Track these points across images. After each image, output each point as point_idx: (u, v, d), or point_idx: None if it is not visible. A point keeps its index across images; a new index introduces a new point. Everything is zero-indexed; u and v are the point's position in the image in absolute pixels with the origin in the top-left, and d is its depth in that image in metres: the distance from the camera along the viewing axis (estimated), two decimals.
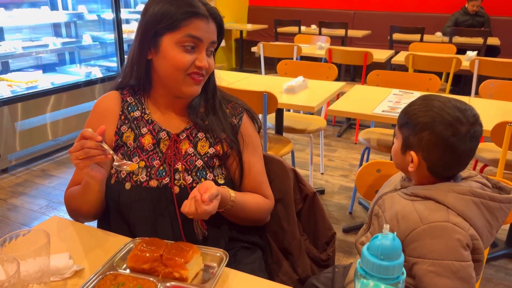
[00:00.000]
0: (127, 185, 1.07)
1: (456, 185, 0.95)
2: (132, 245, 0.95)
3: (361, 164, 2.68)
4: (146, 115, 1.13)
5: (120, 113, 1.14)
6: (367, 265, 0.66)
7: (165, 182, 1.07)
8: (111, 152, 0.96)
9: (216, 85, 1.17)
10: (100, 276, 0.85)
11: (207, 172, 1.09)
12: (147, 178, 1.07)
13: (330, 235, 1.31)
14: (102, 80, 3.78)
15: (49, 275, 0.83)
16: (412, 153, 0.97)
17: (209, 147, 1.11)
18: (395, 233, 0.66)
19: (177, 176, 1.07)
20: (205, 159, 1.10)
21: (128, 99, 1.16)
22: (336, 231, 1.31)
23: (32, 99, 3.21)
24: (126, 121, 1.13)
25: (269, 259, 1.26)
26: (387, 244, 0.64)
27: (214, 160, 1.11)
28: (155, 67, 1.07)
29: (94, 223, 1.16)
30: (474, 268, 0.93)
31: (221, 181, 1.11)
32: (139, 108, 1.15)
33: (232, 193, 1.06)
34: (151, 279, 0.84)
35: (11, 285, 0.71)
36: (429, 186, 0.97)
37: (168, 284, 0.83)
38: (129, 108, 1.15)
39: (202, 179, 1.08)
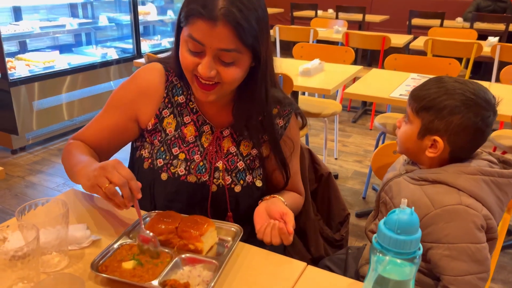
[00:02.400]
0: (163, 176, 1.03)
1: (464, 166, 0.93)
2: (148, 218, 0.96)
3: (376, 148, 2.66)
4: (191, 103, 1.06)
5: (165, 95, 1.06)
6: (383, 239, 0.65)
7: (204, 179, 1.04)
8: (142, 222, 0.89)
9: (268, 86, 1.01)
10: (116, 246, 0.86)
11: (247, 174, 1.06)
12: (186, 172, 1.03)
13: (344, 215, 1.31)
14: (118, 61, 3.79)
15: (67, 244, 0.85)
16: (437, 137, 0.94)
17: (251, 148, 1.07)
18: (413, 208, 0.65)
19: (216, 175, 1.04)
20: (247, 161, 1.06)
21: (174, 79, 1.07)
22: None
23: (49, 79, 3.24)
24: (169, 105, 1.06)
25: None
26: (404, 219, 0.63)
27: (256, 162, 1.07)
28: None
29: None
30: (489, 247, 0.92)
31: (259, 184, 1.08)
32: (184, 93, 1.06)
33: (284, 202, 1.02)
34: (166, 250, 0.85)
35: (30, 250, 0.72)
36: (437, 170, 0.95)
37: (183, 256, 0.84)
38: (174, 91, 1.06)
39: (241, 181, 1.05)
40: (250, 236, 0.99)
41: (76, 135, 1.10)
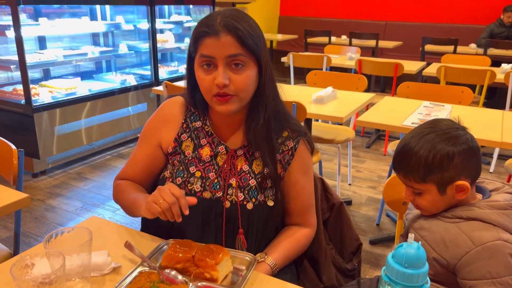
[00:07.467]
0: None
1: (493, 201, 0.97)
2: (165, 246, 1.00)
3: (389, 176, 2.66)
4: (206, 127, 1.17)
5: (183, 121, 1.19)
6: (391, 272, 0.68)
7: (218, 196, 1.11)
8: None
9: (273, 104, 1.12)
10: (136, 273, 0.90)
11: (259, 192, 1.12)
12: (202, 188, 1.12)
13: (357, 245, 1.32)
14: (136, 87, 3.91)
15: (90, 271, 0.89)
16: (458, 183, 0.97)
17: (263, 167, 1.12)
18: (419, 242, 0.68)
19: (229, 191, 1.11)
20: (259, 179, 1.12)
21: (191, 108, 1.19)
22: (363, 243, 1.33)
23: (70, 105, 3.36)
24: (187, 130, 1.18)
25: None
26: (411, 253, 0.66)
27: (267, 181, 1.12)
28: None
29: (134, 222, 1.22)
30: None
31: (271, 203, 1.13)
32: (201, 119, 1.18)
33: (273, 263, 1.08)
34: (184, 278, 0.88)
35: (57, 277, 0.77)
36: (469, 207, 0.98)
37: (199, 284, 0.87)
38: (192, 118, 1.19)
39: (253, 199, 1.11)
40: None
41: (119, 174, 1.25)
